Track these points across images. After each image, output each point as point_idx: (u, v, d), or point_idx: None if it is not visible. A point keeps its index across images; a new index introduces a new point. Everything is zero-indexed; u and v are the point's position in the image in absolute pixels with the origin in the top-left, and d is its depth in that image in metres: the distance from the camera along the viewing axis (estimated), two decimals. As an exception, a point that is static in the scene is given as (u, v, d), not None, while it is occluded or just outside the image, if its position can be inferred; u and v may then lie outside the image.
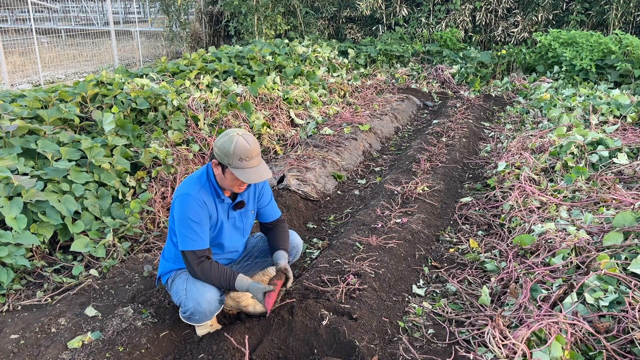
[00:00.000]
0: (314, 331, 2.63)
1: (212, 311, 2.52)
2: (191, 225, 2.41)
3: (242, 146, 2.36)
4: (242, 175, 2.37)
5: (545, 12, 10.78)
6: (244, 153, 2.36)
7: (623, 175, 4.26)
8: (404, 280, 3.31)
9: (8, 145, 3.76)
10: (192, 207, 2.42)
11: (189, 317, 2.55)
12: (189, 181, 2.52)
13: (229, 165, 2.38)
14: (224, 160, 2.38)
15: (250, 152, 2.37)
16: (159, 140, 4.70)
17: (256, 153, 2.40)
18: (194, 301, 2.48)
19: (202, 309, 2.48)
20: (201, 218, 2.44)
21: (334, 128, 6.42)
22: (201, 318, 2.53)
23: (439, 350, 2.62)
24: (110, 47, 12.14)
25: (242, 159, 2.36)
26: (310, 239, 4.04)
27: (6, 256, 2.95)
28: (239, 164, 2.37)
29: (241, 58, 7.85)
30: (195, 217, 2.42)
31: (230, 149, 2.35)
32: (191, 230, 2.42)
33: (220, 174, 2.45)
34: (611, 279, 2.64)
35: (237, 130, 2.42)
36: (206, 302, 2.48)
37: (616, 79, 8.12)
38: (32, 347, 2.55)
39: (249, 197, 2.70)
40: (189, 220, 2.41)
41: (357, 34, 12.39)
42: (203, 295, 2.48)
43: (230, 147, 2.35)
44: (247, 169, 2.38)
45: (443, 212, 4.37)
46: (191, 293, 2.50)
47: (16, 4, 14.15)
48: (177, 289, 2.59)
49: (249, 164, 2.38)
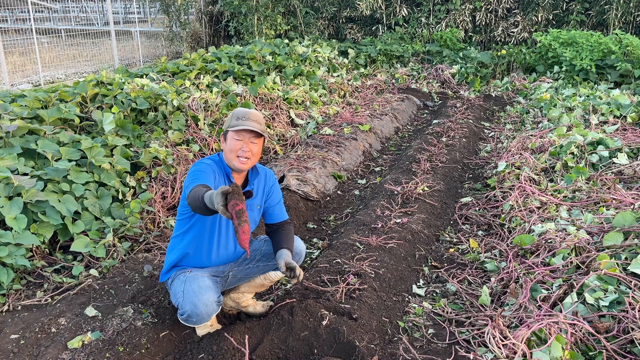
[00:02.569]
0: (314, 331, 2.64)
1: (209, 313, 2.50)
2: (195, 174, 2.45)
3: (241, 110, 2.54)
4: (235, 128, 2.48)
5: (545, 12, 10.78)
6: (241, 114, 2.52)
7: (623, 175, 4.27)
8: (404, 280, 3.31)
9: (8, 145, 3.77)
10: (201, 165, 2.52)
11: (187, 320, 2.54)
12: (201, 159, 2.62)
13: (229, 128, 2.52)
14: (225, 127, 2.55)
15: (247, 113, 2.52)
16: (159, 140, 4.70)
17: (254, 118, 2.52)
18: (190, 304, 2.46)
19: (199, 311, 2.47)
20: (207, 169, 2.50)
21: (334, 128, 6.42)
22: (198, 320, 2.51)
23: (439, 350, 2.62)
24: (110, 47, 12.14)
25: (239, 118, 2.51)
26: (310, 239, 4.04)
27: (6, 256, 2.95)
28: (236, 123, 2.50)
29: (241, 58, 7.85)
30: (202, 168, 2.49)
31: (232, 114, 2.54)
32: (195, 176, 2.44)
33: (224, 144, 2.57)
34: (611, 279, 2.64)
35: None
36: (203, 305, 2.46)
37: (616, 79, 8.12)
38: (32, 347, 2.55)
39: (258, 189, 2.70)
40: (194, 172, 2.46)
41: (357, 34, 12.39)
42: (200, 298, 2.46)
43: (231, 113, 2.56)
44: (242, 124, 2.49)
45: (443, 212, 4.38)
46: (188, 295, 2.49)
47: (16, 4, 14.15)
48: (175, 291, 2.58)
49: (245, 123, 2.50)
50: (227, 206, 1.99)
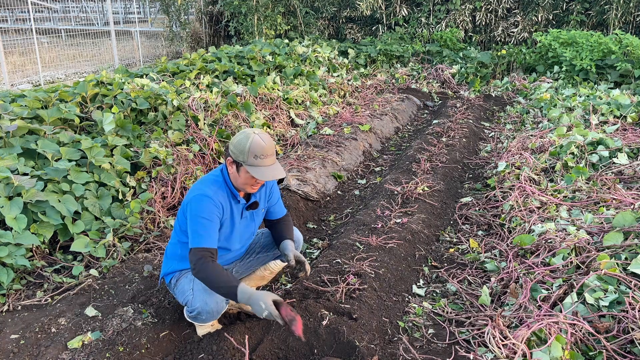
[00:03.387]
0: (314, 331, 2.64)
1: (219, 311, 2.53)
2: (202, 222, 2.41)
3: (258, 144, 2.37)
4: (256, 172, 2.37)
5: (545, 12, 10.78)
6: (259, 150, 2.37)
7: (623, 175, 4.27)
8: (404, 280, 3.31)
9: (8, 145, 3.76)
10: (207, 206, 2.42)
11: (196, 317, 2.55)
12: (205, 182, 2.51)
13: (244, 163, 2.39)
14: (239, 158, 2.39)
15: (265, 150, 2.38)
16: (159, 140, 4.70)
17: (271, 152, 2.41)
18: (201, 301, 2.48)
19: (210, 308, 2.48)
20: (213, 217, 2.44)
21: (334, 128, 6.42)
22: (208, 318, 2.53)
23: (439, 350, 2.62)
24: (110, 47, 12.14)
25: (257, 156, 2.37)
26: (310, 239, 4.04)
27: (6, 256, 2.95)
28: (254, 162, 2.37)
29: (241, 58, 7.85)
30: (208, 215, 2.41)
31: (246, 147, 2.36)
32: (201, 227, 2.40)
33: (235, 172, 2.46)
34: (611, 279, 2.64)
35: (253, 129, 2.43)
36: (214, 302, 2.48)
37: (616, 79, 8.12)
38: (32, 347, 2.55)
39: (261, 196, 2.72)
40: (200, 218, 2.41)
41: (357, 34, 12.39)
42: (211, 295, 2.48)
43: (246, 144, 2.37)
44: (262, 167, 2.39)
45: (443, 212, 4.38)
46: (199, 293, 2.50)
47: (16, 4, 14.15)
48: (183, 289, 2.58)
49: (263, 162, 2.39)
50: (280, 314, 2.29)
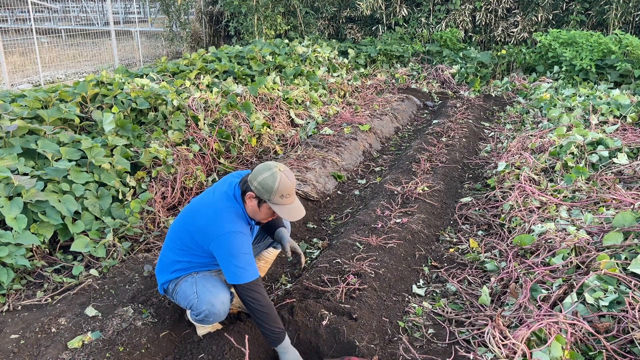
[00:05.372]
0: (314, 331, 2.64)
1: (225, 311, 2.56)
2: (246, 258, 2.42)
3: (285, 184, 2.38)
4: (281, 211, 2.41)
5: (545, 12, 10.78)
6: (285, 191, 2.39)
7: (623, 175, 4.27)
8: (404, 280, 3.31)
9: (8, 145, 3.77)
10: (244, 242, 2.43)
11: (203, 320, 2.57)
12: (225, 217, 2.46)
13: (269, 201, 2.41)
14: (264, 196, 2.40)
15: (290, 189, 2.41)
16: (159, 140, 4.70)
17: (294, 190, 2.46)
18: (207, 303, 2.50)
19: (217, 310, 2.51)
20: (250, 249, 2.48)
21: (334, 128, 6.42)
22: (215, 319, 2.56)
23: (439, 350, 2.62)
24: (111, 47, 12.14)
25: (283, 196, 2.39)
26: (310, 239, 4.04)
27: (6, 256, 2.95)
28: (279, 201, 2.40)
29: (241, 58, 7.85)
30: (247, 249, 2.44)
31: (274, 186, 2.37)
32: (247, 263, 2.42)
33: (255, 207, 2.46)
34: (611, 279, 2.64)
35: (278, 165, 2.42)
36: (220, 303, 2.51)
37: (616, 79, 8.12)
38: (32, 347, 2.55)
39: None
40: (243, 255, 2.42)
41: (357, 34, 12.39)
42: (216, 297, 2.51)
43: (274, 184, 2.37)
44: (286, 205, 2.43)
45: (443, 212, 4.38)
46: (204, 296, 2.52)
47: (16, 4, 14.15)
48: (186, 294, 2.58)
49: (287, 200, 2.42)
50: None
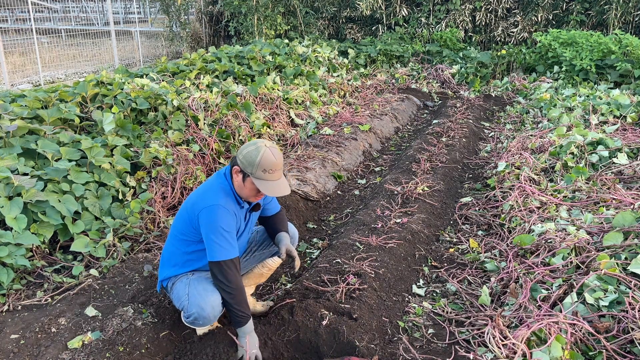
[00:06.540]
0: (314, 331, 2.64)
1: (215, 315, 2.52)
2: (224, 234, 2.42)
3: (268, 158, 2.38)
4: (262, 186, 2.39)
5: (545, 12, 10.78)
6: (268, 165, 2.38)
7: (623, 175, 4.27)
8: (404, 280, 3.31)
9: (8, 145, 3.77)
10: (225, 217, 2.43)
11: (193, 322, 2.55)
12: (212, 190, 2.49)
13: (251, 175, 2.40)
14: (247, 169, 2.40)
15: (274, 165, 2.40)
16: (159, 140, 4.70)
17: (279, 167, 2.43)
18: (197, 307, 2.47)
19: (206, 314, 2.48)
20: (232, 227, 2.46)
21: (334, 128, 6.42)
22: (205, 322, 2.52)
23: (439, 350, 2.62)
24: (111, 47, 12.15)
25: (265, 170, 2.38)
26: (310, 239, 4.04)
27: (6, 256, 2.95)
28: (262, 175, 2.39)
29: (241, 58, 7.85)
30: (227, 226, 2.43)
31: (256, 160, 2.38)
32: (224, 240, 2.42)
33: (240, 182, 2.46)
34: (611, 279, 2.64)
35: (264, 142, 2.43)
36: (210, 307, 2.47)
37: (616, 79, 8.12)
38: (32, 347, 2.55)
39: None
40: (222, 230, 2.41)
41: (357, 34, 12.39)
42: (206, 300, 2.47)
43: (257, 157, 2.38)
44: (269, 181, 2.41)
45: (443, 212, 4.38)
46: (194, 298, 2.49)
47: (16, 4, 14.15)
48: (179, 294, 2.57)
49: (271, 176, 2.41)
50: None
